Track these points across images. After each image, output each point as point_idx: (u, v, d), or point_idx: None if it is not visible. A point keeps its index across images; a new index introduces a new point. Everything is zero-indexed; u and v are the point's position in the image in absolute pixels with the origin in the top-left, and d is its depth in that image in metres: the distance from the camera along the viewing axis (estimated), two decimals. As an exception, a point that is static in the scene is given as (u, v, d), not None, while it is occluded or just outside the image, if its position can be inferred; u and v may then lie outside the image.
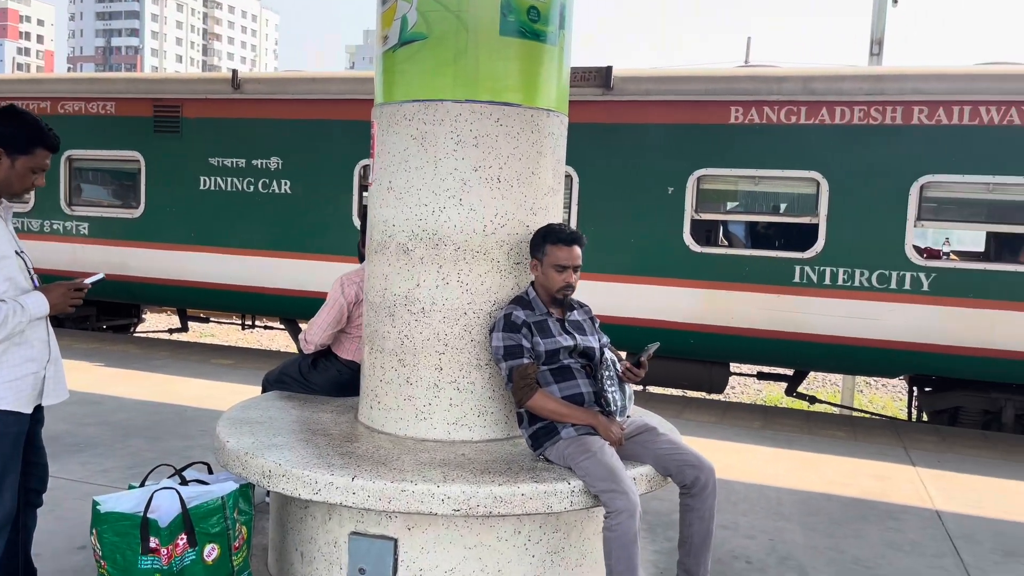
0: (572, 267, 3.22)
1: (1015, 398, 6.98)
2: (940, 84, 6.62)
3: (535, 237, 3.29)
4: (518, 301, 3.27)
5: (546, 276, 3.23)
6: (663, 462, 3.17)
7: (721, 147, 7.14)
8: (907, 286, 6.81)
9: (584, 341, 3.26)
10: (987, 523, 4.56)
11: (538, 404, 3.11)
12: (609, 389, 3.20)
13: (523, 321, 3.17)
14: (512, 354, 3.13)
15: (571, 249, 3.21)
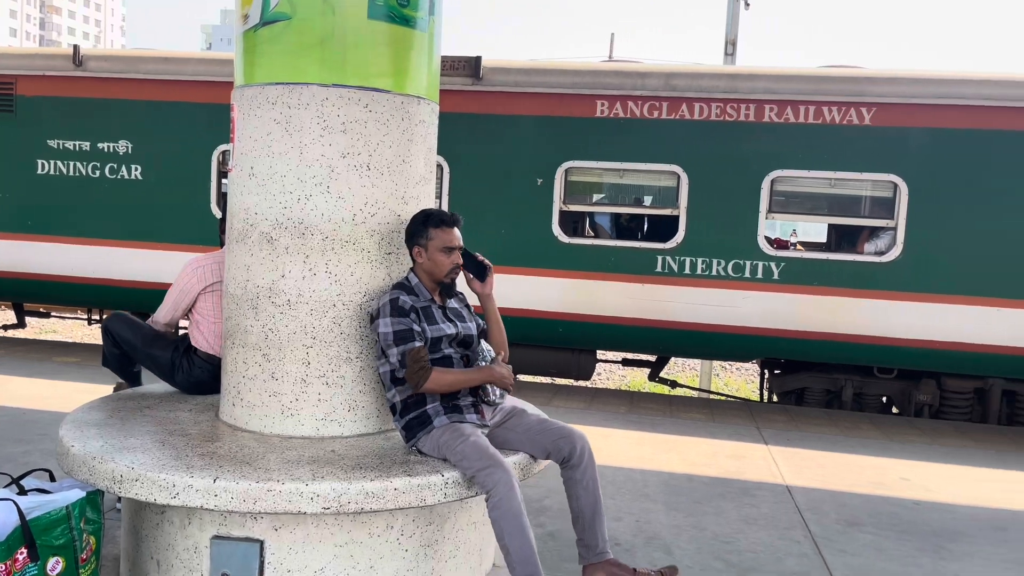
0: (458, 248, 3.20)
1: (853, 378, 7.55)
2: (788, 84, 7.03)
3: (413, 224, 3.22)
4: (401, 287, 3.19)
5: (433, 261, 3.18)
6: (536, 440, 3.19)
7: (588, 140, 7.29)
8: (759, 275, 7.21)
9: (464, 328, 3.24)
10: (831, 495, 4.90)
11: (436, 382, 3.07)
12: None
13: (411, 306, 3.10)
14: (403, 338, 3.05)
15: (453, 230, 3.20)
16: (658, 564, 3.74)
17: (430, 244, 3.17)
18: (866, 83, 6.94)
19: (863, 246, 7.41)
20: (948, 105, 6.86)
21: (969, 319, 6.92)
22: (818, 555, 3.96)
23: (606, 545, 3.17)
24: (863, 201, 7.34)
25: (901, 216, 6.99)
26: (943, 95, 6.85)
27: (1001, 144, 6.81)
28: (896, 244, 7.02)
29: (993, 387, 7.19)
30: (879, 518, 4.55)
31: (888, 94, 6.90)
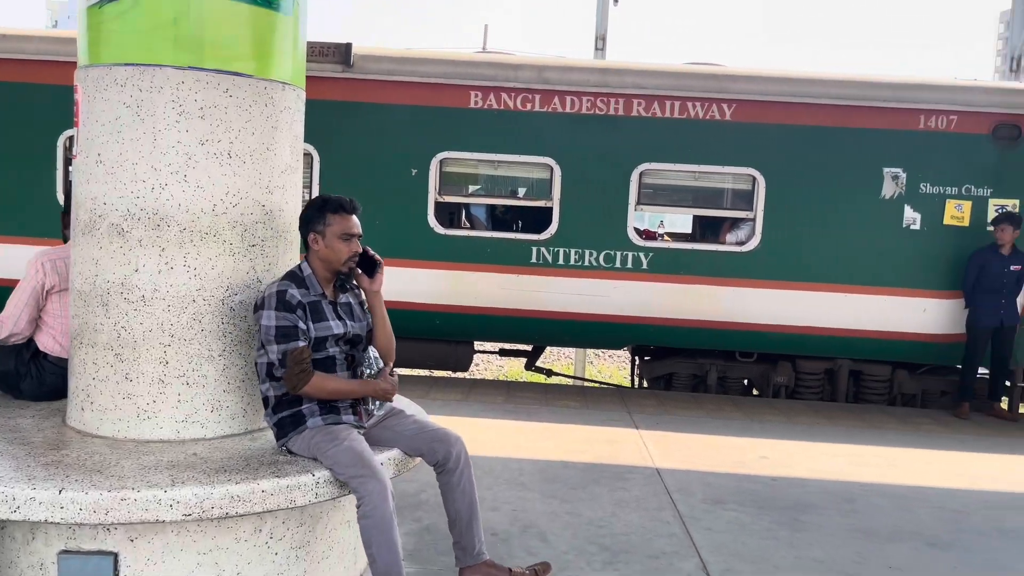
0: (357, 235, 3.08)
1: (717, 362, 7.91)
2: (655, 80, 7.25)
3: (309, 210, 3.09)
4: (291, 278, 3.04)
5: (331, 248, 3.05)
6: (412, 443, 3.16)
7: (462, 131, 7.27)
8: (629, 265, 7.43)
9: (354, 328, 3.14)
10: (698, 476, 5.11)
11: (316, 388, 2.95)
12: None
13: (299, 301, 2.97)
14: (286, 335, 2.92)
15: (352, 217, 3.09)
16: (535, 552, 3.78)
17: (328, 230, 3.04)
18: (727, 80, 7.26)
19: (725, 236, 7.77)
20: (801, 103, 7.27)
21: (820, 305, 7.39)
22: (686, 534, 4.12)
23: (482, 546, 3.19)
24: (725, 193, 7.69)
25: (759, 208, 7.37)
26: (797, 93, 7.26)
27: (848, 140, 7.28)
28: (755, 235, 7.39)
29: (841, 368, 7.71)
30: (741, 495, 4.78)
31: (747, 91, 7.24)
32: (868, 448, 6.01)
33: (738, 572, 3.71)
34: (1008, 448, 6.30)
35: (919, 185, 7.30)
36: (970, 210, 7.33)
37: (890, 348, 7.51)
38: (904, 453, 5.94)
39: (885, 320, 7.39)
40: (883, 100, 7.23)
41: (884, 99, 7.23)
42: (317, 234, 3.06)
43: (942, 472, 5.51)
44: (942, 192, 7.33)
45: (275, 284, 3.00)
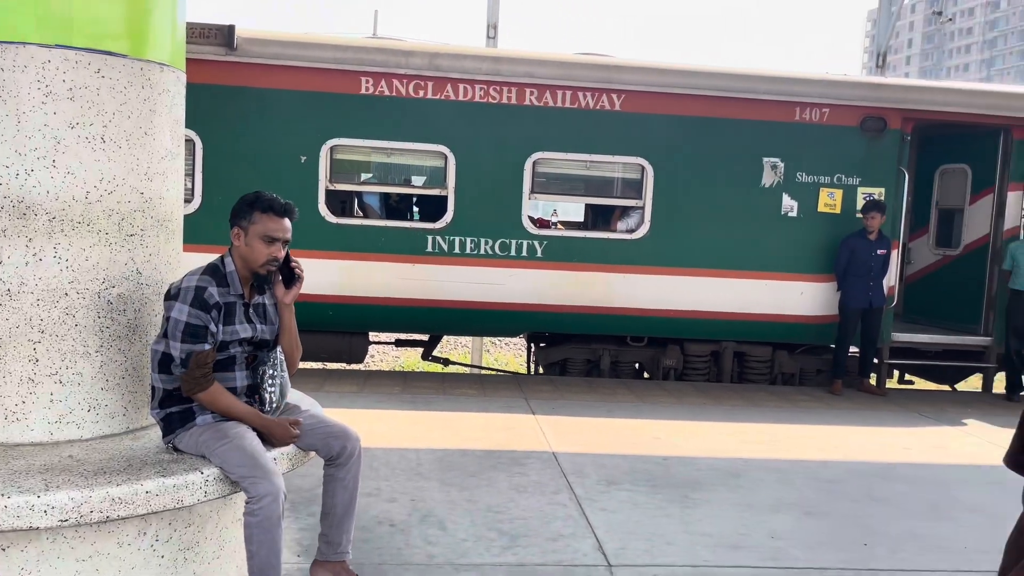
0: (282, 240, 2.94)
1: (610, 347, 8.10)
2: (547, 69, 7.32)
3: (240, 202, 2.94)
4: (213, 273, 2.88)
5: (251, 247, 2.90)
6: (308, 438, 3.09)
7: (353, 117, 7.13)
8: (524, 253, 7.49)
9: (263, 332, 3.01)
10: (593, 458, 5.23)
11: (210, 399, 2.83)
12: (268, 387, 3.02)
13: (216, 302, 2.82)
14: (195, 336, 2.78)
15: (283, 221, 2.93)
16: (433, 541, 3.78)
17: (251, 228, 2.90)
18: (616, 71, 7.41)
19: (616, 224, 7.95)
20: (687, 95, 7.51)
21: (706, 290, 7.67)
22: (582, 515, 4.21)
23: (348, 546, 3.16)
24: (616, 182, 7.86)
25: (648, 196, 7.57)
26: (682, 85, 7.49)
27: (730, 131, 7.58)
28: (644, 222, 7.59)
29: (726, 350, 8.04)
30: (634, 475, 4.92)
31: (635, 82, 7.42)
32: (752, 425, 6.31)
33: (632, 550, 3.82)
34: (877, 420, 6.75)
35: (796, 174, 7.69)
36: (841, 198, 7.77)
37: (771, 330, 7.89)
38: (784, 429, 6.26)
39: (766, 304, 7.76)
40: (762, 93, 7.56)
41: (763, 92, 7.56)
42: (241, 229, 2.93)
43: (818, 445, 5.84)
44: (816, 181, 7.74)
45: (195, 276, 2.85)
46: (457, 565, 3.55)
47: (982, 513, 4.56)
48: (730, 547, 3.91)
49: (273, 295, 3.07)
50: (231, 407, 2.89)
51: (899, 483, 5.05)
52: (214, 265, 2.94)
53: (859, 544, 4.03)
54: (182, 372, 2.81)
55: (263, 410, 3.01)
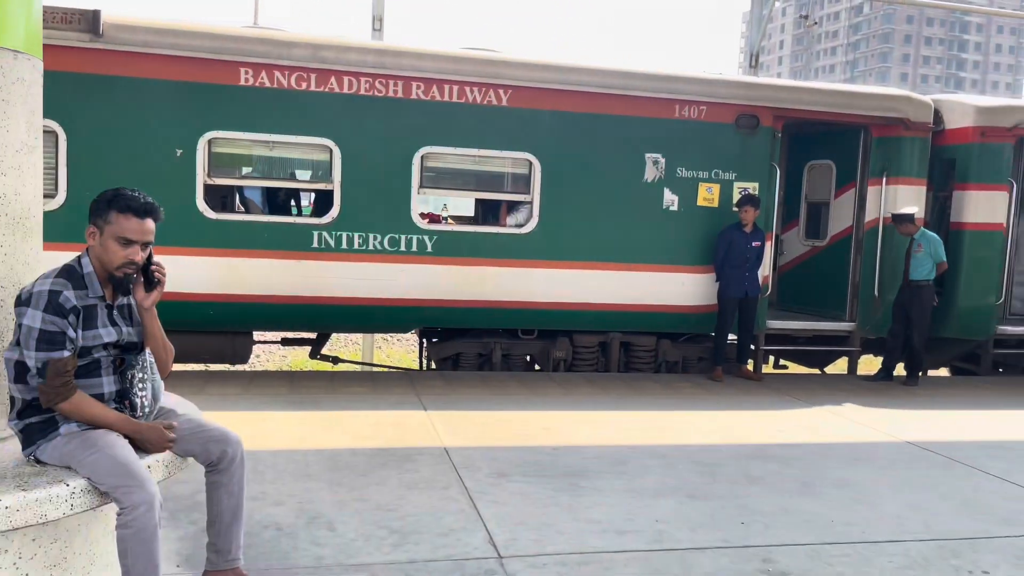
0: (141, 243, 2.77)
1: (502, 341, 8.17)
2: (432, 63, 7.29)
3: (98, 200, 2.75)
4: (68, 275, 2.69)
5: (105, 247, 2.73)
6: (184, 443, 2.97)
7: (233, 109, 6.89)
8: (414, 248, 7.44)
9: (128, 335, 2.85)
10: (484, 451, 5.26)
11: (74, 408, 2.66)
12: (139, 391, 2.87)
13: (73, 306, 2.64)
14: (51, 343, 2.59)
15: (143, 223, 2.76)
16: (321, 542, 3.71)
17: (107, 228, 2.73)
18: (502, 66, 7.46)
19: (505, 219, 8.01)
20: (572, 91, 7.64)
21: (593, 283, 7.85)
22: (473, 509, 4.23)
23: (239, 552, 3.07)
24: (504, 177, 7.92)
25: (536, 191, 7.67)
26: (567, 81, 7.61)
27: (614, 127, 7.76)
28: (533, 217, 7.69)
29: (613, 340, 8.26)
30: (525, 467, 4.99)
31: (521, 78, 7.49)
32: (638, 413, 6.50)
33: (522, 540, 3.87)
34: (754, 405, 7.09)
35: (676, 169, 7.96)
36: (719, 192, 8.11)
37: (655, 320, 8.15)
38: (668, 416, 6.49)
39: (650, 295, 8.01)
40: (643, 90, 7.78)
41: (644, 89, 7.78)
42: (96, 228, 2.76)
43: (700, 430, 6.09)
44: (695, 176, 8.04)
45: (48, 279, 2.66)
46: (346, 566, 3.50)
47: (847, 488, 4.87)
48: (617, 532, 4.02)
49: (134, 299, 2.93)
50: (98, 415, 2.74)
51: (773, 463, 5.32)
52: (70, 266, 2.78)
53: (736, 523, 4.23)
54: (40, 382, 2.64)
55: (134, 415, 2.87)
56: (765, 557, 3.81)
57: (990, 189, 8.63)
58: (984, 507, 4.63)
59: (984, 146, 8.59)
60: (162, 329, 2.97)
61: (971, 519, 4.43)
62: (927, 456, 5.65)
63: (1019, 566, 3.83)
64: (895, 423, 6.61)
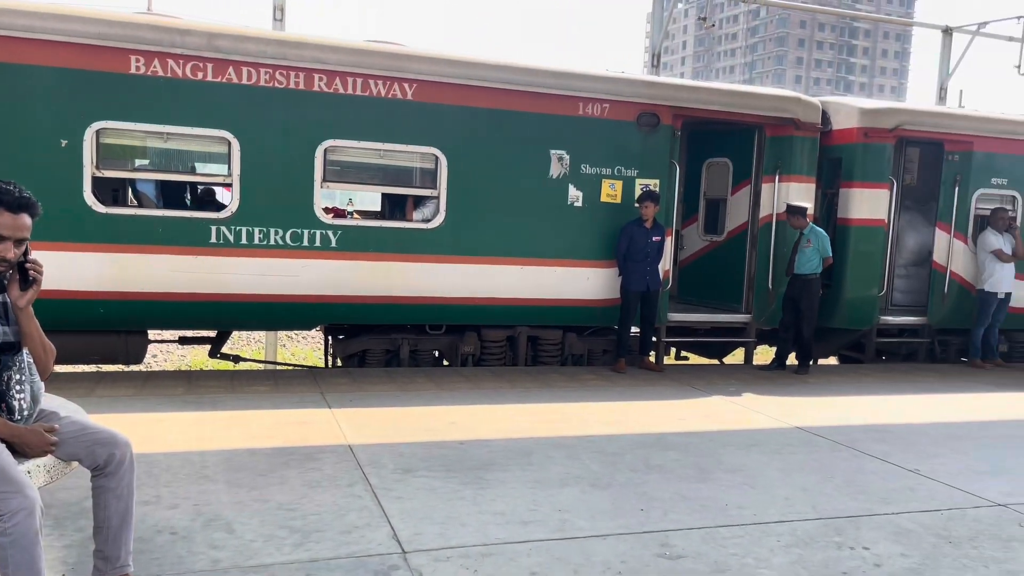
0: (14, 239, 2.61)
1: (409, 337, 8.12)
2: (336, 55, 7.17)
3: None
4: None
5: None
6: (68, 447, 2.84)
7: (123, 99, 6.60)
8: (318, 243, 7.31)
9: (4, 335, 2.69)
10: (390, 448, 5.23)
11: None
12: (16, 393, 2.72)
13: None
14: None
15: (16, 218, 2.61)
16: (219, 545, 3.61)
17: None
18: (406, 60, 7.40)
19: (412, 214, 7.96)
20: (478, 86, 7.65)
21: (500, 278, 7.90)
22: (377, 505, 4.20)
23: (128, 558, 2.97)
24: (411, 172, 7.87)
25: (443, 186, 7.66)
26: (473, 77, 7.62)
27: (520, 123, 7.82)
28: (439, 212, 7.67)
29: (521, 334, 8.33)
30: (431, 461, 4.98)
31: (426, 72, 7.45)
32: (544, 406, 6.59)
33: (427, 534, 3.87)
34: (656, 395, 7.29)
35: (580, 166, 8.09)
36: (621, 189, 8.29)
37: (561, 314, 8.27)
38: (573, 407, 6.60)
39: (557, 289, 8.12)
40: (548, 87, 7.87)
41: (549, 86, 7.87)
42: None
43: (603, 420, 6.22)
44: (599, 173, 8.20)
45: None
46: (244, 568, 3.42)
47: (741, 473, 5.07)
48: (520, 523, 4.07)
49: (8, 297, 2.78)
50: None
51: (673, 451, 5.49)
52: None
53: (637, 510, 4.35)
54: None
55: (11, 419, 2.72)
56: (663, 541, 3.93)
57: (873, 187, 9.14)
58: (866, 487, 4.91)
59: (867, 146, 9.08)
60: (40, 329, 2.83)
61: (854, 499, 4.69)
62: (815, 440, 5.95)
63: (897, 541, 4.08)
64: (786, 410, 6.92)
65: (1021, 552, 4.01)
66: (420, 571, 3.49)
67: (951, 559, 3.89)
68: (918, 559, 3.86)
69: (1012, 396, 7.98)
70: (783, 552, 3.88)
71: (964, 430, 6.47)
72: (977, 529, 4.29)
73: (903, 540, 4.09)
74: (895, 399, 7.62)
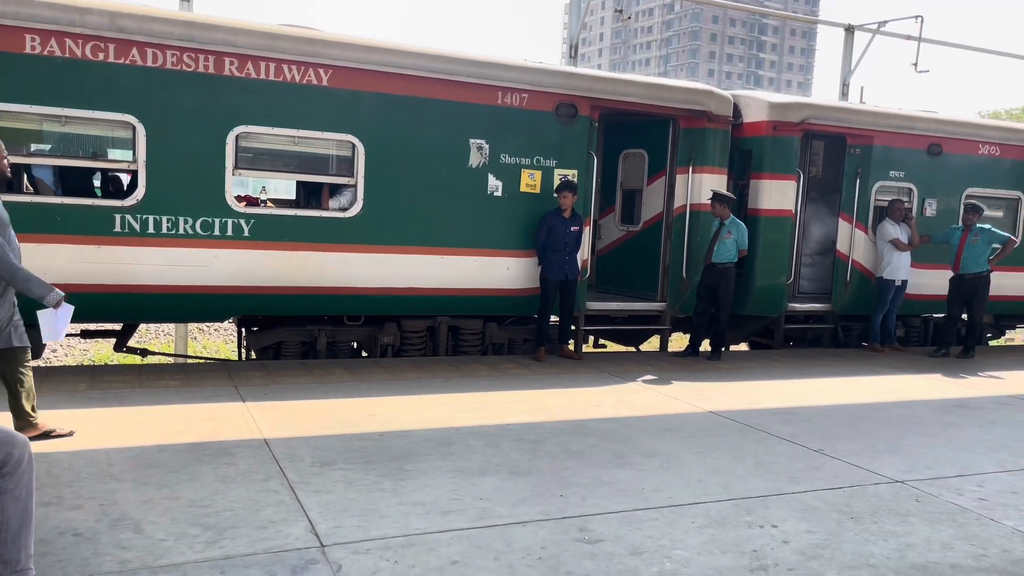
0: None
1: (327, 328, 7.98)
2: (248, 39, 6.95)
3: None
4: None
5: None
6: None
7: (16, 79, 6.25)
8: (230, 232, 7.10)
9: None
10: (307, 441, 5.13)
11: None
12: None
13: None
14: None
15: None
16: (126, 545, 3.48)
17: None
18: (321, 45, 7.24)
19: (328, 202, 7.81)
20: (396, 74, 7.55)
21: (420, 267, 7.83)
22: (295, 499, 4.12)
23: (29, 561, 2.85)
24: (327, 160, 7.71)
25: (360, 175, 7.54)
26: (390, 63, 7.51)
27: (439, 112, 7.76)
28: (357, 200, 7.55)
29: (441, 325, 8.30)
30: (350, 454, 4.92)
31: (342, 58, 7.31)
32: (465, 395, 6.58)
33: (346, 527, 3.82)
34: (575, 383, 7.38)
35: (500, 156, 8.09)
36: (540, 179, 8.33)
37: (482, 304, 8.27)
38: (494, 396, 6.62)
39: (477, 279, 8.11)
40: (466, 75, 7.83)
41: (467, 75, 7.83)
42: None
43: (524, 409, 6.26)
44: (518, 162, 8.22)
45: None
46: (154, 568, 3.30)
47: (657, 457, 5.19)
48: (441, 513, 4.06)
49: None
50: None
51: (592, 437, 5.57)
52: None
53: (556, 495, 4.40)
54: None
55: None
56: (581, 526, 3.99)
57: (781, 179, 9.46)
58: (774, 468, 5.10)
59: (776, 139, 9.39)
60: None
61: (763, 479, 4.87)
62: (727, 424, 6.14)
63: (803, 518, 4.26)
64: (700, 395, 7.12)
65: (918, 526, 4.24)
66: (339, 564, 3.44)
67: (853, 533, 4.08)
68: (823, 535, 4.04)
69: (908, 379, 8.43)
70: (697, 533, 3.99)
71: (864, 411, 6.80)
72: (877, 505, 4.52)
73: (809, 517, 4.27)
74: (801, 383, 7.94)
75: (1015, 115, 39.85)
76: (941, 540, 4.06)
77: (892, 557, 3.82)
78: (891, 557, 3.82)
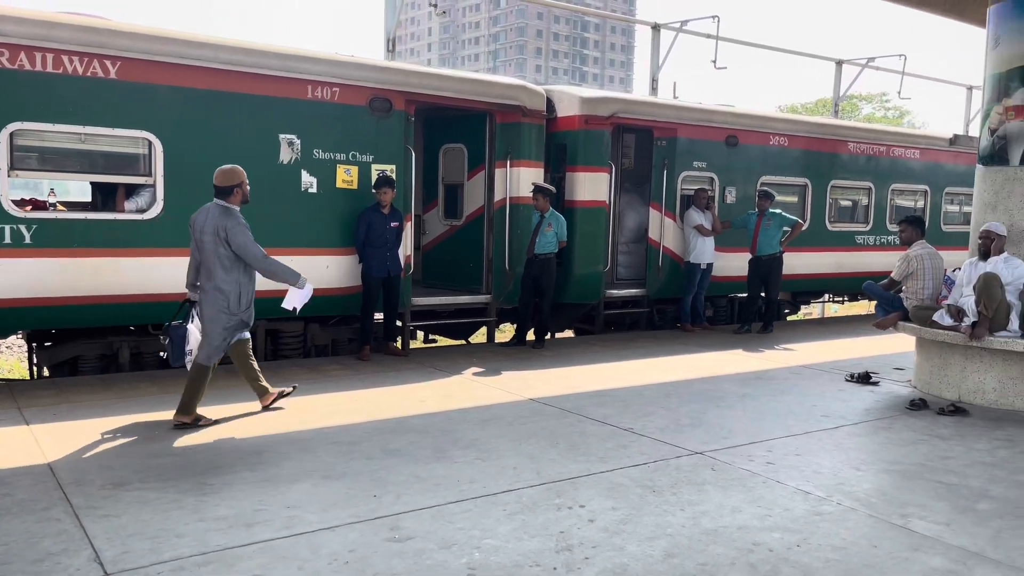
0: None
1: (129, 339, 7.44)
2: (17, 27, 6.34)
3: None
4: None
5: None
6: None
7: None
8: (8, 240, 6.46)
9: None
10: (98, 462, 4.75)
11: None
12: None
13: None
14: None
15: None
16: None
17: None
18: (107, 35, 6.72)
19: (123, 204, 7.27)
20: (195, 66, 7.13)
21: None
22: (78, 527, 3.80)
23: None
24: (120, 158, 7.17)
25: (159, 173, 7.07)
26: (187, 56, 7.09)
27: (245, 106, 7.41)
28: (156, 201, 7.08)
29: (256, 329, 7.93)
30: (147, 472, 4.60)
31: (132, 49, 6.82)
32: (281, 401, 6.33)
33: (135, 552, 3.56)
34: (399, 380, 7.31)
35: (313, 151, 7.86)
36: (357, 174, 8.17)
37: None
38: (311, 400, 6.43)
39: (294, 279, 7.81)
40: (273, 68, 7.54)
41: (273, 68, 7.54)
42: None
43: (342, 411, 6.12)
44: (333, 158, 8.02)
45: None
46: (-101, 621, 2.93)
47: (474, 448, 5.23)
48: (245, 526, 3.88)
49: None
50: None
51: (411, 434, 5.53)
52: None
53: (370, 496, 4.32)
54: None
55: None
56: (393, 525, 3.95)
57: (594, 171, 9.82)
58: (587, 449, 5.28)
59: (588, 133, 9.73)
60: None
61: (575, 461, 5.02)
62: (545, 410, 6.29)
63: (609, 496, 4.42)
64: (523, 383, 7.26)
65: (712, 493, 4.52)
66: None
67: (654, 506, 4.29)
68: (626, 511, 4.22)
69: (714, 355, 9.01)
70: (507, 520, 4.05)
71: (673, 388, 7.19)
72: (677, 477, 4.78)
73: (614, 494, 4.45)
74: (618, 365, 8.28)
75: (810, 109, 43.63)
76: (731, 504, 4.35)
77: (687, 525, 4.05)
78: (686, 525, 4.05)
